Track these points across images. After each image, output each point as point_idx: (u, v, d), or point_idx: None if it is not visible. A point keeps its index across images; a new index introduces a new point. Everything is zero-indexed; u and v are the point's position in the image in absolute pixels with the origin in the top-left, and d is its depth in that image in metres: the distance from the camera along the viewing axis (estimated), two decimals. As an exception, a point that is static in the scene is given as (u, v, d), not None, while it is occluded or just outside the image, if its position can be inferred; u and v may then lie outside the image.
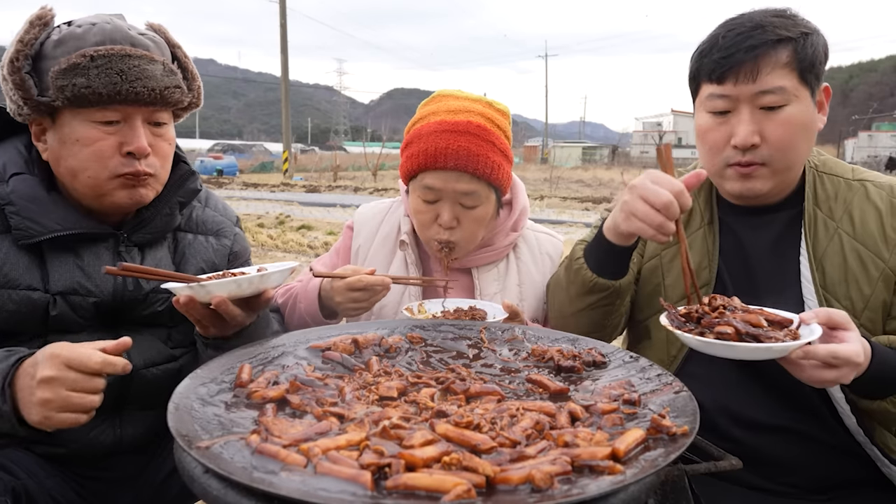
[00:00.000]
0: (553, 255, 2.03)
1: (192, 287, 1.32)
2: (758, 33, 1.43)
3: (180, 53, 1.56)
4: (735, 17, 1.51)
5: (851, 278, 1.47)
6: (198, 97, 1.59)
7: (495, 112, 1.84)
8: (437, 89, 2.01)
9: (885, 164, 32.50)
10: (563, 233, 4.06)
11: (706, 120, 1.52)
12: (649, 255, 1.71)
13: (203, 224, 1.72)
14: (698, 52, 1.53)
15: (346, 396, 1.06)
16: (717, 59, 1.45)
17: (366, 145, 57.43)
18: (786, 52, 1.42)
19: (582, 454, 0.82)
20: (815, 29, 1.46)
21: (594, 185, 27.94)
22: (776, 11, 1.49)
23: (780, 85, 1.41)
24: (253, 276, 1.35)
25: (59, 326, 1.46)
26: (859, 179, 1.57)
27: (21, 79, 1.37)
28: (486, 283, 1.93)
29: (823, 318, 1.22)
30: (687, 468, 0.94)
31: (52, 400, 1.15)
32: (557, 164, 44.50)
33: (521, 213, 1.99)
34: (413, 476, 0.75)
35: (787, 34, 1.42)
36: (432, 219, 1.80)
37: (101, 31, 1.41)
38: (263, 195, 21.89)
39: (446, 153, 1.72)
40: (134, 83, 1.39)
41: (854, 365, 1.17)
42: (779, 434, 1.50)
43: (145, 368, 1.55)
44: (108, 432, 1.56)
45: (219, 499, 0.77)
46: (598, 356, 1.26)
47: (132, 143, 1.43)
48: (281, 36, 35.11)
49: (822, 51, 1.46)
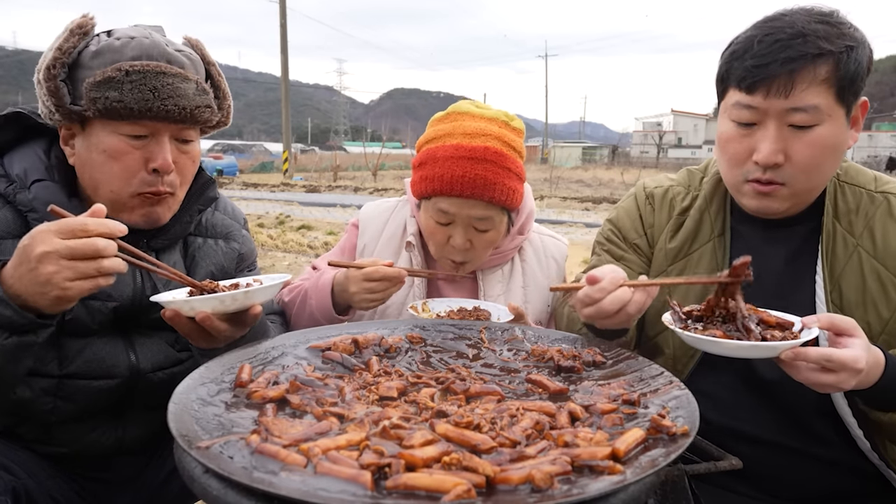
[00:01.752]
0: (558, 258, 2.04)
1: (176, 301, 1.31)
2: (798, 43, 1.29)
3: (214, 71, 1.57)
4: (775, 18, 1.37)
5: (870, 300, 1.40)
6: (227, 116, 1.60)
7: (511, 132, 1.82)
8: (437, 90, 2.02)
9: (885, 164, 32.50)
10: (563, 233, 4.07)
11: (729, 128, 1.42)
12: (655, 271, 1.66)
13: (213, 228, 1.72)
14: (730, 52, 1.40)
15: (346, 396, 1.06)
16: (749, 67, 1.33)
17: (366, 145, 57.44)
18: (826, 68, 1.29)
19: (582, 454, 0.82)
20: (862, 40, 1.34)
21: (594, 185, 27.96)
22: (821, 16, 1.34)
23: (814, 104, 1.30)
24: (237, 293, 1.32)
25: (72, 329, 1.46)
26: (882, 191, 1.48)
27: (56, 86, 1.37)
28: (491, 286, 1.93)
29: (826, 322, 1.19)
30: (687, 468, 0.94)
31: (57, 271, 1.11)
32: (557, 164, 44.50)
33: (528, 216, 1.99)
34: (413, 476, 0.75)
35: (830, 48, 1.29)
36: (444, 239, 1.81)
37: (138, 45, 1.41)
38: (263, 195, 21.90)
39: (463, 181, 1.71)
40: (165, 101, 1.40)
41: (853, 371, 1.13)
42: (782, 451, 1.48)
43: (152, 372, 1.55)
44: (110, 434, 1.57)
45: (219, 499, 0.77)
46: (598, 356, 1.26)
47: (157, 158, 1.43)
48: (281, 36, 35.11)
49: (866, 65, 1.34)
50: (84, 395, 1.48)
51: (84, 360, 1.48)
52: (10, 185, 1.45)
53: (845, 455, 1.45)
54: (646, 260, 1.69)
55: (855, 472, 1.46)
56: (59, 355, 1.46)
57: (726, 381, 1.52)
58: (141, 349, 1.54)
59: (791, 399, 1.47)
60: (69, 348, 1.47)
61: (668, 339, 1.59)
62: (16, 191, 1.44)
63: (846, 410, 1.41)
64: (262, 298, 1.38)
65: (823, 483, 1.47)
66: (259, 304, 1.38)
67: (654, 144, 67.90)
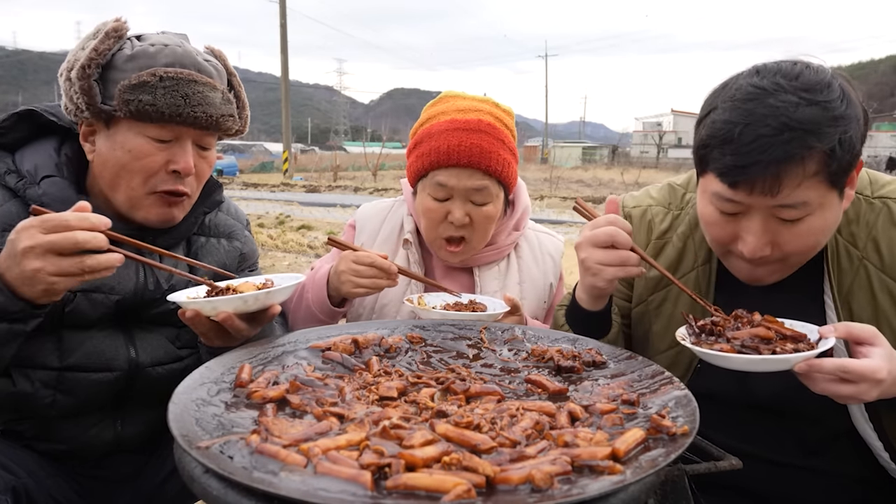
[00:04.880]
0: (554, 254, 2.06)
1: (198, 301, 1.33)
2: (783, 140, 1.14)
3: (235, 82, 1.64)
4: (755, 98, 1.19)
5: (883, 318, 1.32)
6: (244, 125, 1.65)
7: (502, 112, 1.89)
8: (437, 90, 2.05)
9: (885, 164, 32.51)
10: (563, 233, 4.07)
11: (711, 213, 1.31)
12: (636, 300, 1.60)
13: (216, 227, 1.75)
14: (707, 134, 1.24)
15: (346, 396, 1.06)
16: (729, 165, 1.19)
17: (366, 145, 57.41)
18: (815, 162, 1.16)
19: (582, 454, 0.82)
20: (855, 115, 1.18)
21: (594, 185, 27.93)
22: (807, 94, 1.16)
23: (804, 199, 1.18)
24: (259, 293, 1.36)
25: (73, 321, 1.48)
26: (880, 197, 1.39)
27: (89, 85, 1.42)
28: (487, 282, 1.95)
29: (843, 332, 1.15)
30: (687, 468, 0.94)
31: (42, 266, 1.15)
32: (557, 164, 44.50)
33: (524, 212, 2.02)
34: (413, 476, 0.75)
35: (819, 145, 1.14)
36: (442, 217, 1.82)
37: (172, 53, 1.47)
38: (263, 195, 21.90)
39: (459, 150, 1.76)
40: (195, 108, 1.46)
41: (873, 381, 1.08)
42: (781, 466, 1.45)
43: (151, 367, 1.56)
44: (109, 429, 1.58)
45: (219, 499, 0.77)
46: (598, 356, 1.26)
47: (179, 161, 1.49)
48: (281, 36, 35.11)
49: (860, 139, 1.20)
50: (83, 388, 1.50)
51: (84, 352, 1.50)
52: (21, 180, 1.49)
53: (851, 467, 1.42)
54: (627, 285, 1.63)
55: (862, 483, 1.43)
56: (60, 347, 1.48)
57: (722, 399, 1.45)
58: (141, 344, 1.56)
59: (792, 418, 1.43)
60: (69, 340, 1.49)
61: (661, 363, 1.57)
62: (26, 186, 1.48)
63: (864, 424, 1.36)
64: (282, 297, 1.42)
65: (827, 497, 1.43)
66: (278, 304, 1.42)
67: (654, 144, 67.92)
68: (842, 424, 1.39)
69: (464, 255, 1.89)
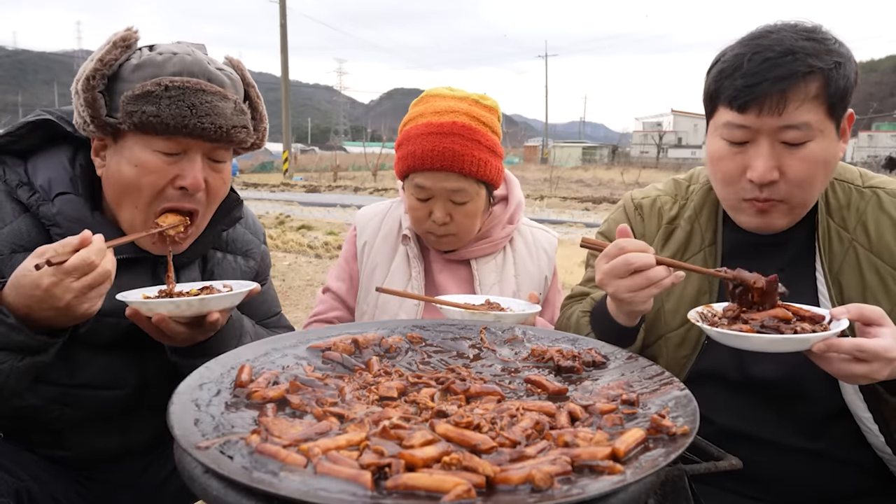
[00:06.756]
0: (548, 248, 2.12)
1: (136, 301, 1.34)
2: (787, 61, 1.30)
3: (253, 93, 1.55)
4: (761, 36, 1.37)
5: (870, 295, 1.41)
6: (261, 139, 1.58)
7: (481, 109, 1.91)
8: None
9: (883, 163, 32.52)
10: (563, 233, 4.06)
11: (721, 147, 1.42)
12: None
13: (233, 243, 1.71)
14: (718, 70, 1.40)
15: (346, 396, 1.06)
16: (740, 86, 1.33)
17: (366, 145, 57.43)
18: (816, 85, 1.31)
19: (582, 454, 0.82)
20: (848, 55, 1.35)
21: (594, 185, 27.94)
22: (807, 32, 1.35)
23: (806, 120, 1.31)
24: (193, 300, 1.34)
25: (85, 342, 1.46)
26: (870, 186, 1.51)
27: (93, 97, 1.36)
28: (485, 274, 2.00)
29: (855, 313, 1.20)
30: (687, 468, 0.94)
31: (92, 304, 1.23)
32: (557, 164, 44.53)
33: (517, 206, 2.09)
34: (413, 476, 0.75)
35: (820, 65, 1.30)
36: (426, 215, 1.90)
37: (180, 61, 1.40)
38: (263, 195, 21.91)
39: (433, 155, 1.81)
40: (202, 119, 1.38)
41: (886, 360, 1.13)
42: (781, 452, 1.48)
43: (160, 383, 1.53)
44: (116, 438, 1.57)
45: (219, 499, 0.77)
46: (598, 356, 1.26)
47: (187, 176, 1.41)
48: (281, 36, 35.11)
49: (853, 79, 1.35)
50: (91, 403, 1.49)
51: (94, 371, 1.48)
52: (34, 194, 1.43)
53: (847, 452, 1.45)
54: None
55: (862, 467, 1.45)
56: (70, 366, 1.46)
57: (719, 386, 1.51)
58: (151, 362, 1.54)
59: (790, 400, 1.47)
60: (80, 360, 1.47)
61: (662, 348, 1.59)
62: (39, 202, 1.42)
63: (860, 405, 1.40)
64: (218, 306, 1.37)
65: (824, 481, 1.47)
66: (217, 312, 1.37)
67: (654, 144, 67.90)
68: (836, 404, 1.43)
69: (452, 245, 1.97)
